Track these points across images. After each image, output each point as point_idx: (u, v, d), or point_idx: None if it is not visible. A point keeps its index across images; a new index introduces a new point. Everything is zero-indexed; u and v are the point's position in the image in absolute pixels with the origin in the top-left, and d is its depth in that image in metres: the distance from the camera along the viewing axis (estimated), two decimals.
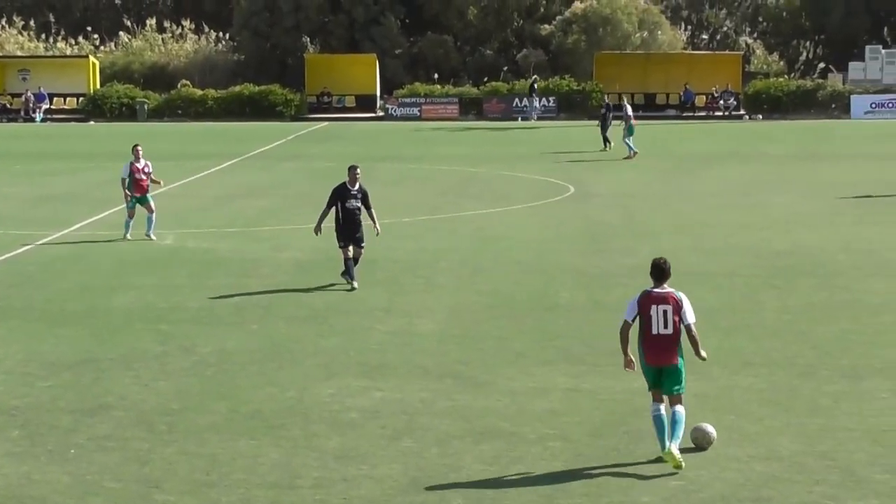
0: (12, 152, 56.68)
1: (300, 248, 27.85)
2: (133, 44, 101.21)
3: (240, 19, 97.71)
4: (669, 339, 13.81)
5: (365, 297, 22.45)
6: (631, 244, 28.44)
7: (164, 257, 27.13)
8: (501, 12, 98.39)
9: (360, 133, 68.70)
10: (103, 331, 19.95)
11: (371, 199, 24.47)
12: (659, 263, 14.44)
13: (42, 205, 36.55)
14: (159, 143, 58.17)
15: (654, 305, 13.94)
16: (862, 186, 39.54)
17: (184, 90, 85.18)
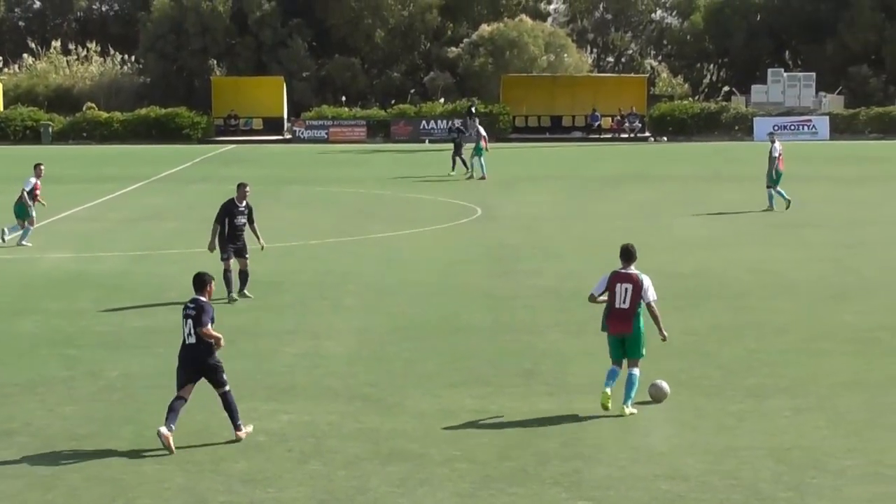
0: None
1: (208, 270, 27.60)
2: (37, 66, 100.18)
3: (146, 41, 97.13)
4: (626, 313, 16.31)
5: (272, 320, 22.37)
6: (537, 266, 28.59)
7: (70, 281, 26.85)
8: (408, 35, 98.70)
9: (267, 155, 68.49)
10: (7, 355, 19.70)
11: (256, 215, 25.06)
12: (627, 247, 16.79)
13: None
14: (65, 166, 57.63)
15: (619, 283, 16.37)
16: (765, 207, 40.05)
17: (89, 113, 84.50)
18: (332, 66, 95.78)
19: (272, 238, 32.84)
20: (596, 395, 16.57)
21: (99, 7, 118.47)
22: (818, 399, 17.04)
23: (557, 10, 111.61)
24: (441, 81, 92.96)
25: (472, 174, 51.99)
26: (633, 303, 16.31)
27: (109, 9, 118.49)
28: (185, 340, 15.51)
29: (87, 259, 29.99)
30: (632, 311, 16.28)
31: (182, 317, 15.73)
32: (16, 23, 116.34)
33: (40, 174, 33.80)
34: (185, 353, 15.51)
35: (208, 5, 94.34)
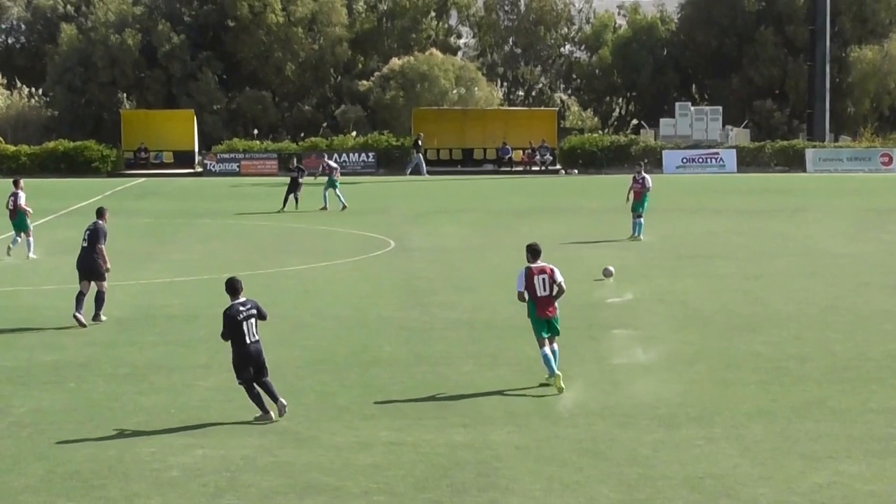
0: None
1: (118, 305, 27.42)
2: None
3: (53, 74, 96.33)
4: (549, 299, 19.54)
5: (186, 354, 22.20)
6: (450, 298, 28.65)
7: None
8: (319, 68, 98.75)
9: (178, 189, 68.07)
10: None
11: (101, 237, 26.03)
12: (534, 246, 19.99)
13: None
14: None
15: (536, 276, 19.54)
16: (674, 239, 40.47)
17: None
18: (243, 99, 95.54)
19: (185, 271, 32.70)
20: (510, 425, 16.64)
21: (5, 40, 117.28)
22: (729, 428, 17.21)
23: (467, 45, 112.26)
24: (352, 114, 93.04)
25: (327, 206, 52.55)
26: (551, 289, 19.52)
27: (16, 41, 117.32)
28: (248, 340, 17.75)
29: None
30: (551, 295, 19.55)
31: (240, 321, 17.70)
32: None
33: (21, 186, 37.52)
34: (251, 351, 17.79)
35: (117, 38, 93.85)
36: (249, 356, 17.82)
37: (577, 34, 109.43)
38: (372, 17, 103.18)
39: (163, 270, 33.72)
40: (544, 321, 19.61)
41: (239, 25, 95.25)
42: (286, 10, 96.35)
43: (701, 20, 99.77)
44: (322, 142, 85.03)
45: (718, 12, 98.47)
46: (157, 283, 31.22)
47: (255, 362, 17.86)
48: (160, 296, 29.04)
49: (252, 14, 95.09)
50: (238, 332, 17.77)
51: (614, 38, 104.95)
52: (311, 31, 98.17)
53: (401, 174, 77.27)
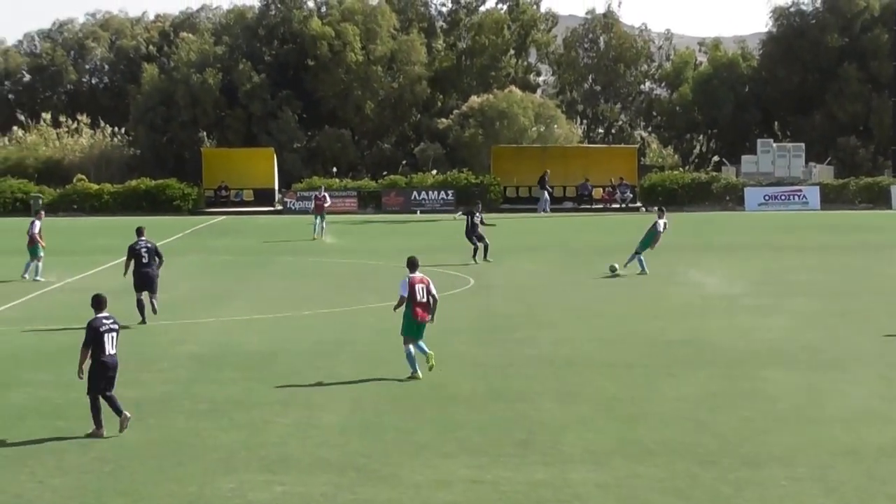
0: None
1: (198, 341, 27.64)
2: (27, 139, 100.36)
3: (136, 114, 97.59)
4: (426, 305, 23.40)
5: (264, 391, 22.28)
6: (530, 334, 28.58)
7: (60, 353, 26.74)
8: (398, 107, 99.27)
9: (258, 227, 68.52)
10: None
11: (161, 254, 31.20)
12: (413, 259, 23.96)
13: None
14: (54, 237, 57.52)
15: (417, 284, 23.39)
16: (758, 276, 40.13)
17: (79, 185, 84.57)
18: (323, 137, 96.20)
19: (264, 308, 32.86)
20: (590, 464, 16.53)
21: (89, 80, 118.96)
22: (814, 468, 16.97)
23: (546, 82, 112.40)
24: (431, 152, 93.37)
25: (317, 237, 57.60)
26: (429, 296, 23.42)
27: (99, 81, 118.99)
28: (108, 352, 19.03)
29: (78, 332, 29.84)
30: (428, 303, 23.37)
31: (102, 332, 18.99)
32: (5, 95, 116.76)
33: (41, 217, 42.86)
34: (108, 362, 19.12)
35: (198, 78, 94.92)
36: (107, 367, 19.03)
37: (657, 71, 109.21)
38: (451, 55, 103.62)
39: (242, 308, 33.93)
40: (419, 324, 23.33)
41: (318, 64, 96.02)
42: (366, 49, 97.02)
43: (783, 56, 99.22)
44: (401, 179, 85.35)
45: (801, 48, 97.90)
46: (236, 321, 31.41)
47: (110, 375, 19.05)
48: (239, 333, 29.21)
49: (332, 53, 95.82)
50: (99, 343, 18.97)
51: (695, 74, 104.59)
52: (390, 70, 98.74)
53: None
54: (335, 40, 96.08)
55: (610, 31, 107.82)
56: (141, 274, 31.01)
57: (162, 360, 25.42)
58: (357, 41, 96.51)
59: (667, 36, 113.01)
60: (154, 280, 31.04)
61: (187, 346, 27.22)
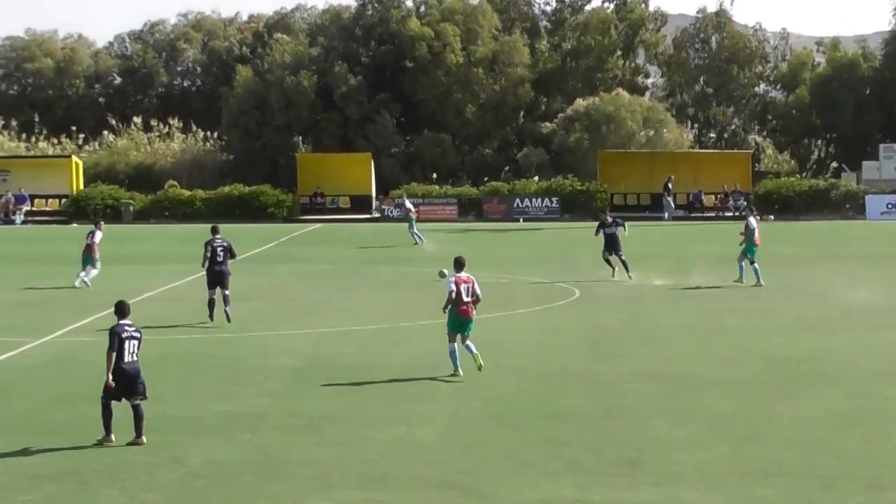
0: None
1: (293, 354, 27.81)
2: (118, 143, 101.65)
3: (229, 118, 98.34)
4: (470, 303, 25.10)
5: (362, 406, 22.36)
6: (638, 349, 28.44)
7: (150, 364, 26.99)
8: (500, 110, 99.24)
9: (354, 235, 68.83)
10: (86, 441, 19.83)
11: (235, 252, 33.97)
12: (460, 259, 25.96)
13: (21, 311, 36.48)
14: (145, 245, 58.36)
15: (462, 284, 25.21)
16: (880, 289, 39.58)
17: (171, 191, 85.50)
18: (421, 141, 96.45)
19: (361, 319, 32.98)
20: (703, 484, 16.38)
21: (181, 83, 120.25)
22: None
23: (655, 84, 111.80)
24: (535, 158, 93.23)
25: (418, 242, 58.82)
26: (473, 295, 25.20)
27: (191, 84, 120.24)
28: (127, 359, 19.81)
29: (168, 342, 30.21)
30: (474, 302, 25.24)
31: (123, 338, 19.74)
32: (96, 99, 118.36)
33: (101, 227, 44.06)
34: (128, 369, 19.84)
35: (293, 80, 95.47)
36: (125, 374, 19.67)
37: (772, 72, 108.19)
38: (555, 56, 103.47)
39: (338, 319, 34.11)
40: (463, 321, 25.12)
41: (417, 66, 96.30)
42: (466, 50, 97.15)
43: None
44: (503, 186, 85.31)
45: None
46: (332, 332, 31.58)
47: (129, 381, 19.67)
48: (335, 345, 29.36)
49: (431, 55, 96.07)
50: (120, 348, 19.61)
51: (812, 76, 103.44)
52: (492, 72, 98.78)
53: (585, 220, 76.96)
54: (434, 41, 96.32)
55: (722, 31, 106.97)
56: (214, 272, 33.51)
57: (255, 373, 25.61)
58: (457, 42, 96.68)
59: (782, 35, 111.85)
60: (226, 277, 33.60)
61: (282, 358, 27.40)
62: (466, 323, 25.13)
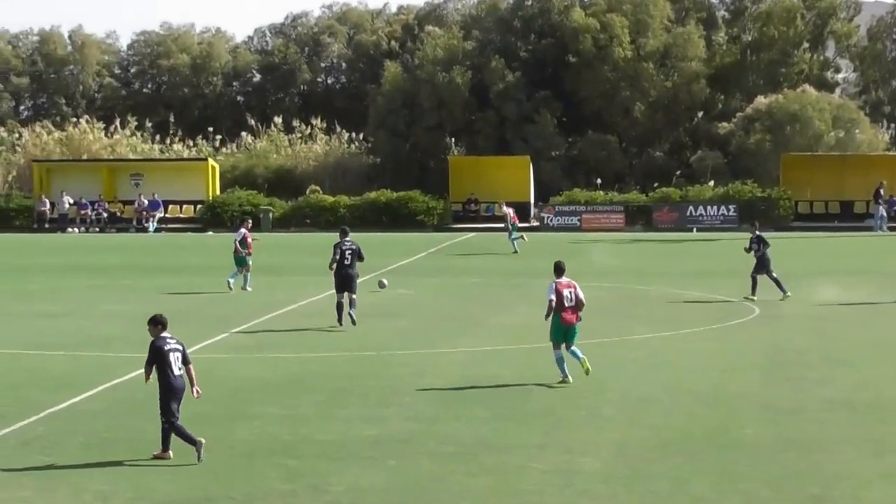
0: (122, 266, 57.89)
1: (443, 375, 27.90)
2: (257, 145, 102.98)
3: (376, 118, 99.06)
4: (574, 309, 26.58)
5: (518, 431, 22.35)
6: (826, 373, 28.07)
7: (289, 384, 27.37)
8: (672, 109, 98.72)
9: (510, 245, 68.78)
10: (221, 466, 20.10)
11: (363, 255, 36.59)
12: (560, 264, 27.33)
13: None
14: (286, 255, 59.03)
15: (564, 290, 26.66)
16: None
17: (313, 197, 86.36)
18: (585, 143, 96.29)
19: (517, 337, 33.01)
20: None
21: (324, 80, 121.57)
22: None
23: (847, 80, 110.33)
24: (710, 161, 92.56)
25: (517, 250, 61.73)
26: (577, 300, 26.58)
27: (336, 81, 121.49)
28: (175, 373, 20.26)
29: (309, 359, 30.52)
30: (577, 307, 26.61)
31: (166, 351, 20.19)
32: (234, 97, 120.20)
33: (249, 226, 47.88)
34: (177, 384, 20.39)
35: (445, 77, 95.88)
36: (176, 390, 20.25)
37: None
38: (734, 49, 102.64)
39: (492, 336, 34.16)
40: (566, 328, 26.51)
41: (581, 61, 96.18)
42: (635, 43, 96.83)
43: None
44: (675, 192, 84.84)
45: None
46: (485, 351, 31.64)
47: (180, 398, 20.32)
48: (489, 365, 29.40)
49: (596, 48, 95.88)
50: (165, 362, 20.17)
51: None
52: (663, 67, 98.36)
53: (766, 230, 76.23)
54: (600, 33, 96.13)
55: None
56: (342, 275, 35.97)
57: (404, 395, 25.74)
58: (625, 34, 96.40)
59: None
60: (354, 281, 36.11)
61: (431, 378, 27.51)
62: (570, 330, 26.59)
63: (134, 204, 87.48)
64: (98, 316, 39.31)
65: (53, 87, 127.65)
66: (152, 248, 70.67)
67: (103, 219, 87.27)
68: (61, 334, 34.93)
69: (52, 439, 21.18)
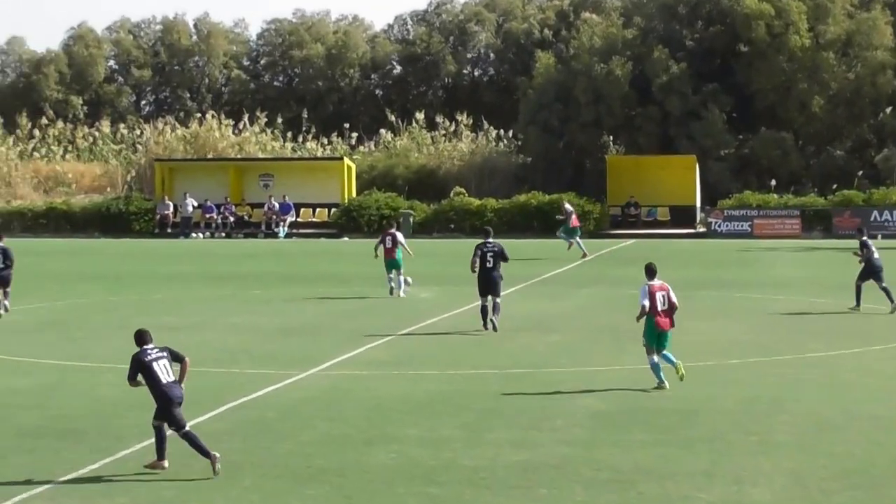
0: (250, 274, 58.47)
1: (600, 394, 27.86)
2: (397, 143, 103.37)
3: (526, 113, 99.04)
4: (668, 312, 28.00)
5: (683, 458, 22.25)
6: None
7: (431, 403, 27.48)
8: (855, 103, 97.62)
9: (675, 253, 68.57)
10: (358, 492, 20.24)
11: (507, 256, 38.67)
12: (651, 266, 28.42)
13: (284, 338, 37.43)
14: (426, 262, 59.19)
15: (657, 292, 27.96)
16: None
17: (457, 199, 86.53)
18: (757, 141, 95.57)
19: (681, 355, 32.86)
20: None
21: (470, 72, 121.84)
22: None
23: None
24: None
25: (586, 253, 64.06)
26: (670, 304, 28.00)
27: (483, 74, 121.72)
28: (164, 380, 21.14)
29: (453, 377, 30.61)
30: (671, 311, 28.06)
31: (148, 362, 21.23)
32: (372, 91, 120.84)
33: (400, 227, 50.12)
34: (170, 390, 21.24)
35: (603, 68, 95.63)
36: (172, 397, 21.10)
37: None
38: None
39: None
40: (660, 333, 28.01)
41: (754, 51, 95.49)
42: (813, 30, 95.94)
43: None
44: (858, 196, 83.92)
45: None
46: (646, 369, 31.48)
47: (180, 403, 21.22)
48: (650, 384, 29.28)
49: (770, 36, 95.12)
50: (149, 372, 21.05)
51: None
52: (845, 57, 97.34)
53: None
54: (775, 20, 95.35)
55: None
56: (484, 278, 37.90)
57: (555, 417, 25.73)
58: (803, 21, 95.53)
59: None
60: (497, 284, 37.85)
61: (588, 399, 27.48)
62: (664, 335, 28.18)
63: (263, 207, 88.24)
64: (224, 329, 39.75)
65: (177, 80, 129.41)
66: (282, 256, 71.28)
67: (229, 223, 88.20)
68: (184, 348, 35.09)
69: (174, 461, 21.46)
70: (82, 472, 21.17)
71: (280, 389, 29.24)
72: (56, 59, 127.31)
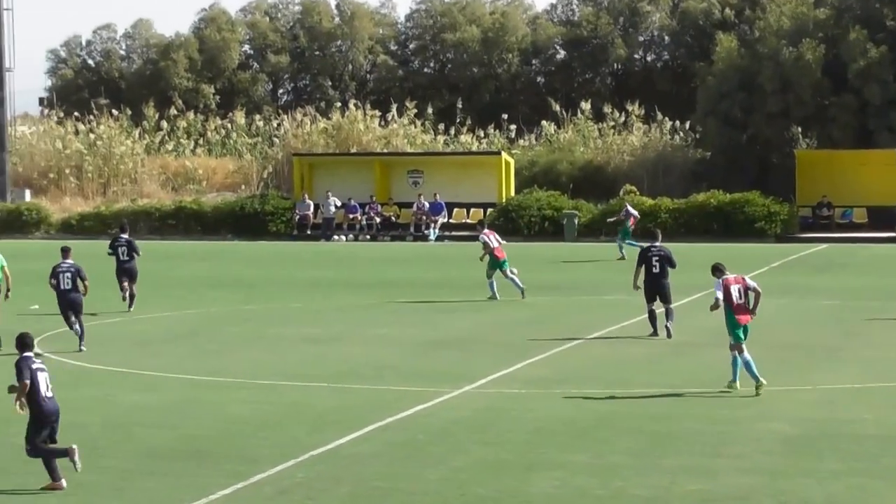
0: (397, 281, 58.64)
1: (786, 418, 27.64)
2: (560, 136, 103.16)
3: (705, 103, 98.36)
4: (745, 305, 30.16)
5: (880, 490, 22.01)
6: None
7: (598, 425, 27.41)
8: None
9: (874, 259, 67.90)
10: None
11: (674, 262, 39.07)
12: (719, 265, 30.70)
13: (434, 352, 37.52)
14: (589, 268, 59.10)
15: (732, 285, 30.09)
16: None
17: (628, 198, 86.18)
18: None
19: (882, 374, 32.50)
20: None
21: (643, 57, 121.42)
22: None
23: None
24: None
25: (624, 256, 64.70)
26: (746, 296, 30.17)
27: (657, 59, 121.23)
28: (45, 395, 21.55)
29: (622, 396, 30.53)
30: (748, 303, 30.17)
31: (34, 370, 21.43)
32: (533, 79, 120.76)
33: None
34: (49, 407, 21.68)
35: (792, 52, 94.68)
36: (48, 414, 21.55)
37: None
38: None
39: (851, 372, 33.69)
40: (742, 327, 29.96)
41: None
42: None
43: None
44: None
45: None
46: (842, 390, 31.25)
47: (53, 423, 21.64)
48: (847, 407, 29.02)
49: None
50: (33, 383, 21.35)
51: None
52: None
53: None
54: None
55: None
56: (652, 283, 38.92)
57: (737, 443, 25.57)
58: None
59: None
60: (666, 288, 39.08)
61: (774, 422, 27.27)
62: (746, 328, 30.24)
63: (412, 207, 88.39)
64: (369, 341, 39.95)
65: (318, 66, 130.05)
66: (433, 260, 71.45)
67: (375, 224, 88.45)
68: (326, 363, 35.60)
69: (313, 487, 21.62)
70: (213, 498, 21.36)
71: (430, 409, 29.33)
72: (186, 44, 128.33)
